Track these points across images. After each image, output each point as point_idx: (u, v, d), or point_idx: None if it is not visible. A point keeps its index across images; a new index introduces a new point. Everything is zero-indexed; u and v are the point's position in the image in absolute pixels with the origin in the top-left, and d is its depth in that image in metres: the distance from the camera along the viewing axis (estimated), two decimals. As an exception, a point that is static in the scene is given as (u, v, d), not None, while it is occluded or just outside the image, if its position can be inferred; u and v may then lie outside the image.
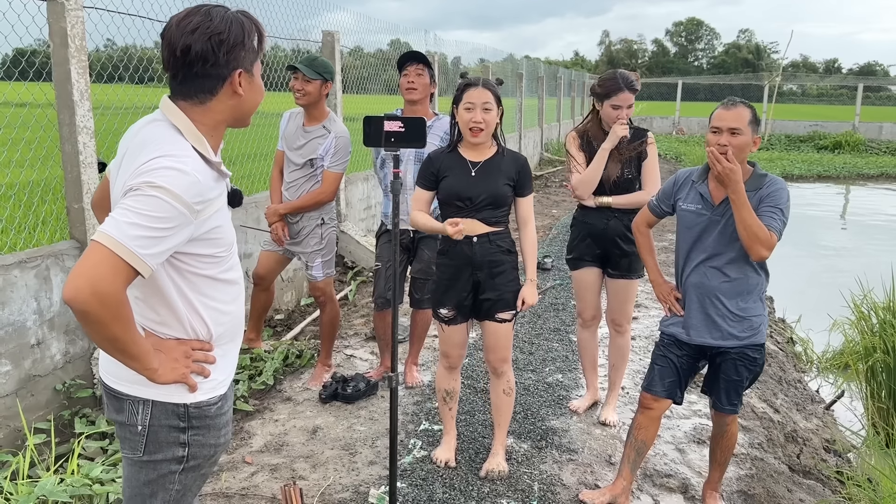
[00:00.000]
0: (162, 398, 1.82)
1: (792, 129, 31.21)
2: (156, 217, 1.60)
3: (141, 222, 1.58)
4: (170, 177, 1.63)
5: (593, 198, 3.97)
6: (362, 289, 6.83)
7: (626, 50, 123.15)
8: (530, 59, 22.63)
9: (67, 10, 3.73)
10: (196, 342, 1.86)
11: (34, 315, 3.66)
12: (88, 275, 1.54)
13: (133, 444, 1.85)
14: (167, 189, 1.61)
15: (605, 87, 3.90)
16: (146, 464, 1.86)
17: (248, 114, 1.89)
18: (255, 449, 3.80)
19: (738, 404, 3.18)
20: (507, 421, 3.69)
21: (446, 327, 3.51)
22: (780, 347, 6.34)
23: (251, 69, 1.83)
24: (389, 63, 9.65)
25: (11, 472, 3.21)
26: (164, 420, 1.83)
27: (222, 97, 1.80)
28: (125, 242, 1.56)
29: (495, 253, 3.37)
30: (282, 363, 4.79)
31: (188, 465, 1.88)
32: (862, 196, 18.44)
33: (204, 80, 1.77)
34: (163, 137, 1.73)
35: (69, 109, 3.84)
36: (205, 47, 1.73)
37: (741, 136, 2.91)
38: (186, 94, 1.79)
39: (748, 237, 2.90)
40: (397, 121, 2.78)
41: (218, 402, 1.91)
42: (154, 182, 1.61)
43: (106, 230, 1.57)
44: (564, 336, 5.71)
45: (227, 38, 1.76)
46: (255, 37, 1.83)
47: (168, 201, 1.61)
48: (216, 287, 1.86)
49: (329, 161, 4.32)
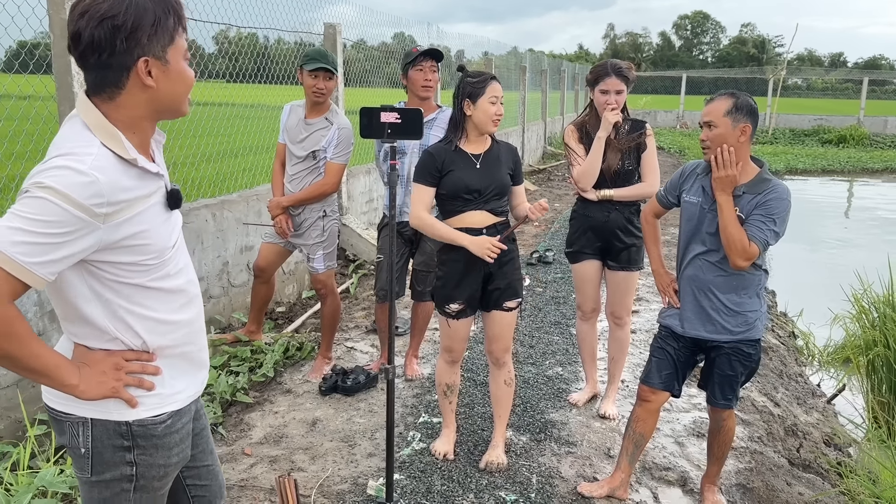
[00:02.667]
0: (100, 416, 1.66)
1: (796, 123, 31.11)
2: (43, 221, 1.42)
3: (26, 227, 1.41)
4: (60, 176, 1.44)
5: (595, 191, 3.98)
6: (363, 282, 6.84)
7: (630, 43, 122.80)
8: (534, 53, 22.57)
9: (66, 2, 3.73)
10: (131, 353, 1.67)
11: (35, 307, 3.67)
12: None
13: (80, 464, 1.71)
14: (55, 189, 1.43)
15: (594, 73, 3.96)
16: (96, 483, 1.72)
17: (174, 105, 1.66)
18: (255, 441, 3.81)
19: (732, 399, 3.18)
20: (507, 413, 3.69)
21: (454, 322, 3.50)
22: (781, 341, 6.33)
23: (163, 55, 1.58)
24: (392, 56, 9.63)
25: (12, 463, 3.23)
26: (106, 440, 1.68)
27: (131, 90, 1.58)
28: (6, 250, 1.40)
29: (504, 243, 3.39)
30: (282, 355, 4.80)
31: (139, 485, 1.74)
32: (866, 190, 18.39)
33: (104, 71, 1.55)
34: (68, 135, 1.55)
35: (69, 101, 3.84)
36: (96, 34, 1.51)
37: (715, 128, 2.92)
38: (93, 88, 1.58)
39: (725, 243, 2.93)
40: (394, 112, 2.77)
41: (167, 420, 1.74)
42: (42, 182, 1.43)
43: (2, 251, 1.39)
44: (565, 329, 5.71)
45: (124, 21, 1.51)
46: (170, 17, 1.58)
47: (57, 203, 1.43)
48: (149, 295, 1.67)
49: (332, 153, 4.32)
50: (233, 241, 5.47)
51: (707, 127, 2.95)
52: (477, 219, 3.33)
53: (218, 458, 2.16)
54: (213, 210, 5.24)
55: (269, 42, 7.47)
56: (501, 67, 15.29)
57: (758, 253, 2.91)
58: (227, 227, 5.38)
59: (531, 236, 9.51)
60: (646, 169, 3.99)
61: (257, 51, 6.99)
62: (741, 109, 2.90)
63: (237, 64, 6.48)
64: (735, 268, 2.95)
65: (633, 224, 4.00)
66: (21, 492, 2.93)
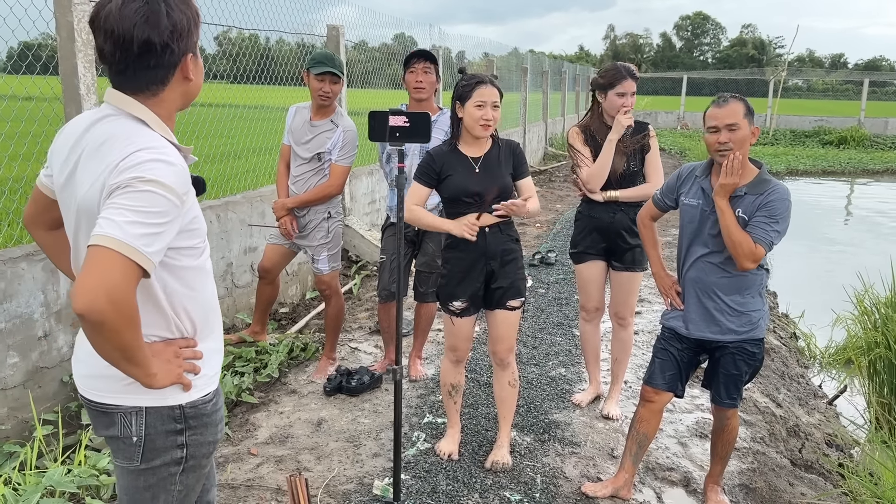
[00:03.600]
0: (156, 403, 1.73)
1: (797, 124, 31.13)
2: (154, 212, 1.52)
3: (140, 219, 1.50)
4: (158, 169, 1.54)
5: (601, 192, 4.01)
6: (366, 282, 6.86)
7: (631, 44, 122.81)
8: (535, 54, 22.59)
9: (74, 5, 3.75)
10: (181, 340, 1.76)
11: (41, 307, 3.70)
12: (101, 282, 1.43)
13: (128, 454, 1.77)
14: (159, 182, 1.53)
15: (609, 77, 3.95)
16: (144, 471, 1.78)
17: (194, 96, 1.78)
18: (261, 441, 3.83)
19: (737, 398, 3.20)
20: (512, 413, 3.71)
21: (457, 320, 3.52)
22: (782, 342, 6.35)
23: (196, 49, 1.72)
24: (394, 57, 9.66)
25: (20, 463, 3.25)
26: (160, 426, 1.75)
27: (174, 85, 1.70)
28: (131, 242, 1.47)
29: (506, 242, 3.45)
30: (287, 356, 4.82)
31: (188, 465, 1.82)
32: (867, 191, 18.40)
33: (156, 70, 1.65)
34: (130, 131, 1.63)
35: (76, 103, 3.86)
36: (162, 39, 1.61)
37: (739, 130, 2.93)
38: (137, 87, 1.67)
39: (731, 247, 2.95)
40: (402, 116, 2.80)
41: (213, 399, 1.85)
42: (144, 176, 1.52)
43: (107, 232, 1.46)
44: (568, 330, 5.73)
45: (182, 24, 1.64)
46: (196, 13, 1.71)
47: (163, 194, 1.53)
48: (198, 277, 1.78)
49: (337, 155, 4.35)
50: (237, 242, 5.49)
51: (728, 129, 2.93)
52: (483, 220, 3.35)
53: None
54: (217, 211, 5.26)
55: (270, 42, 7.49)
56: (502, 68, 15.30)
57: (764, 254, 2.94)
58: (231, 229, 5.40)
59: (533, 237, 9.53)
60: (650, 170, 4.02)
61: (259, 52, 7.01)
62: (751, 112, 2.97)
63: (239, 65, 6.50)
64: (742, 269, 2.98)
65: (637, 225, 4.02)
66: (29, 491, 2.95)
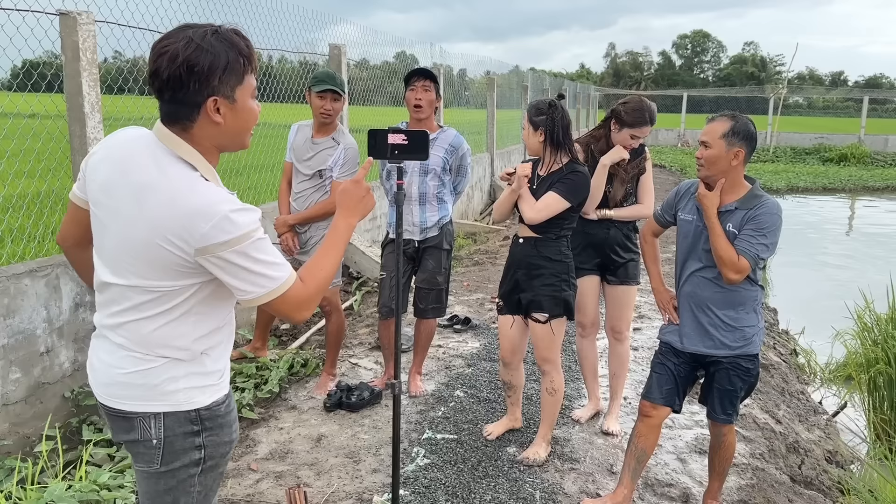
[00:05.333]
0: (173, 409, 1.81)
1: (797, 141, 31.22)
2: (264, 251, 1.73)
3: (264, 262, 1.72)
4: (236, 221, 1.68)
5: (596, 211, 4.08)
6: (367, 299, 6.88)
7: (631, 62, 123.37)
8: (536, 72, 22.74)
9: (80, 25, 3.80)
10: (361, 185, 2.05)
11: (44, 323, 3.72)
12: (296, 310, 1.82)
13: (148, 458, 1.84)
14: (246, 231, 1.69)
15: (632, 118, 3.97)
16: (164, 474, 1.85)
17: (238, 139, 1.82)
18: (261, 456, 3.84)
19: (732, 414, 3.22)
20: (550, 417, 3.90)
21: (500, 317, 3.91)
22: (783, 359, 6.35)
23: (231, 94, 1.73)
24: (396, 75, 9.73)
25: (21, 478, 3.26)
26: (178, 429, 1.82)
27: (202, 124, 1.73)
28: (280, 282, 1.75)
29: (534, 257, 3.68)
30: (287, 372, 4.83)
31: (206, 466, 1.88)
32: (867, 208, 18.43)
33: (178, 106, 1.71)
34: (184, 180, 1.71)
35: (80, 121, 3.91)
36: (173, 74, 1.66)
37: (710, 148, 3.01)
38: (169, 118, 1.74)
39: (716, 259, 3.02)
40: (401, 133, 2.84)
41: (225, 401, 1.92)
42: (234, 235, 1.67)
43: (262, 293, 1.74)
44: (566, 347, 5.74)
45: (199, 65, 1.66)
46: (240, 60, 1.72)
47: (254, 235, 1.70)
48: (224, 289, 1.86)
49: (338, 172, 4.39)
50: (238, 259, 5.50)
51: (703, 146, 3.04)
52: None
53: None
54: (219, 228, 5.28)
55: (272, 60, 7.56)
56: (503, 86, 15.39)
57: (749, 266, 2.98)
58: (232, 245, 5.42)
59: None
60: (642, 191, 4.13)
61: (262, 69, 7.08)
62: (738, 134, 2.98)
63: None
64: (728, 282, 3.03)
65: (630, 240, 4.14)
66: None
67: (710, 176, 3.06)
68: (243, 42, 1.74)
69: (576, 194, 3.58)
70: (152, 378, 1.79)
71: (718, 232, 3.00)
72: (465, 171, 4.56)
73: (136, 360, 1.79)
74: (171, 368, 1.80)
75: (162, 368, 1.80)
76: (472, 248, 9.81)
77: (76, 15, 3.80)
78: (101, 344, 1.86)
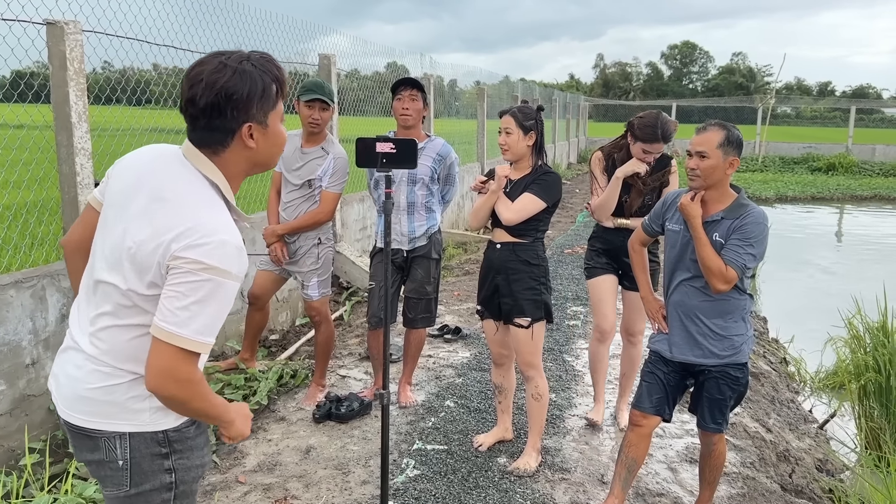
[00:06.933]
0: (138, 429, 1.77)
1: (786, 150, 31.38)
2: (217, 302, 1.62)
3: (202, 311, 1.60)
4: (224, 255, 1.62)
5: (612, 220, 4.18)
6: (357, 309, 6.85)
7: (620, 73, 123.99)
8: (525, 82, 22.83)
9: (67, 34, 3.79)
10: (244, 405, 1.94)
11: (29, 335, 3.69)
12: (167, 368, 1.61)
13: (117, 479, 1.79)
14: (223, 270, 1.62)
15: (643, 133, 4.00)
16: (135, 497, 1.80)
17: (268, 161, 1.84)
18: (249, 468, 3.81)
19: (722, 423, 3.21)
20: (537, 424, 3.88)
21: (483, 321, 3.95)
22: (772, 367, 6.36)
23: (264, 119, 1.76)
24: (386, 85, 9.74)
25: (6, 492, 3.22)
26: (144, 450, 1.78)
27: (234, 148, 1.76)
28: (193, 337, 1.61)
29: (513, 262, 3.68)
30: (276, 383, 4.80)
31: (179, 491, 1.84)
32: (855, 217, 18.54)
33: (213, 132, 1.73)
34: (202, 196, 1.71)
35: (67, 131, 3.89)
36: (210, 102, 1.68)
37: (707, 159, 3.00)
38: (201, 142, 1.75)
39: (703, 269, 3.02)
40: (389, 142, 2.83)
41: (195, 422, 1.87)
42: (208, 264, 1.61)
43: (171, 329, 1.59)
44: (558, 356, 5.73)
45: (237, 93, 1.69)
46: (273, 87, 1.76)
47: (224, 282, 1.62)
48: None
49: (327, 181, 4.37)
50: (227, 269, 5.47)
51: (698, 156, 3.01)
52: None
53: None
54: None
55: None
56: (494, 96, 15.43)
57: (736, 276, 2.98)
58: (221, 255, 5.39)
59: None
60: None
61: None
62: (732, 143, 3.00)
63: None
64: (715, 292, 3.03)
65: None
66: (14, 520, 2.92)
67: (704, 187, 3.04)
68: (276, 69, 1.77)
69: (550, 194, 3.64)
70: (118, 395, 1.75)
71: (704, 241, 3.00)
72: (452, 180, 4.56)
73: (103, 376, 1.75)
74: (136, 386, 1.75)
75: (127, 385, 1.76)
76: (463, 257, 9.80)
77: (63, 24, 3.79)
78: (69, 357, 1.82)
